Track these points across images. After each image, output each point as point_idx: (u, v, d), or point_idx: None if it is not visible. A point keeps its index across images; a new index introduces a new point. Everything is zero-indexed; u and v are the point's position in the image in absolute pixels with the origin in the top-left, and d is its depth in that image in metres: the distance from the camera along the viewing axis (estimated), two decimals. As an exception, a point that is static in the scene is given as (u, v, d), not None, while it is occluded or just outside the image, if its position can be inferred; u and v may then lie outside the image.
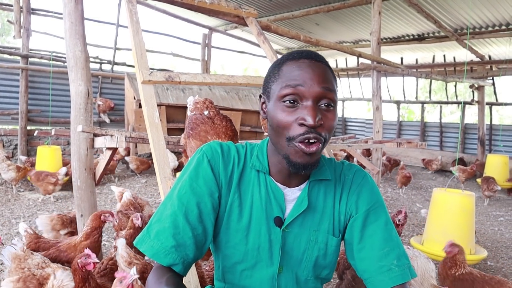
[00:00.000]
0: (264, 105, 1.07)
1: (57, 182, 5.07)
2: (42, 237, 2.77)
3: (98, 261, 2.08)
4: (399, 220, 2.68)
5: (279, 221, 1.08)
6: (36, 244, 2.64)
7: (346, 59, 11.06)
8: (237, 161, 1.10)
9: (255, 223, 1.08)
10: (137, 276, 1.72)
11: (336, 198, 1.12)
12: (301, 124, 0.96)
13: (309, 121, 0.94)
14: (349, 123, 12.11)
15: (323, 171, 1.12)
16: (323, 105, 0.98)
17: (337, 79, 12.00)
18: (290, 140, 0.98)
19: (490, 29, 7.44)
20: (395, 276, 1.01)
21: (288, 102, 0.97)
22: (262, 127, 3.88)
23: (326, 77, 0.98)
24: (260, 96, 1.09)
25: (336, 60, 11.49)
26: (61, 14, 3.76)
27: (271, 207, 1.08)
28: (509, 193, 6.99)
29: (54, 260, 2.49)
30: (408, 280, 1.02)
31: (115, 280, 1.73)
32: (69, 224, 3.35)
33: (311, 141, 0.96)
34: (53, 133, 3.82)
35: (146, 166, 6.88)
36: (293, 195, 1.10)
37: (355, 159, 7.39)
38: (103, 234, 2.98)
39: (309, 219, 1.09)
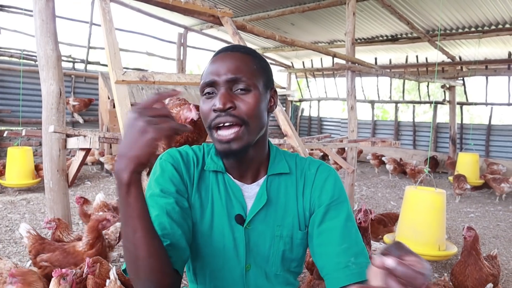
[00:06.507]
0: None
1: None
2: (46, 238, 2.68)
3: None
4: (359, 218, 2.71)
5: (240, 219, 1.07)
6: (41, 245, 2.54)
7: (321, 59, 11.15)
8: (196, 163, 1.11)
9: (218, 223, 1.07)
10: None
11: (298, 192, 1.11)
12: (214, 110, 0.99)
13: (217, 104, 0.97)
14: (325, 123, 12.22)
15: (281, 165, 1.12)
16: (238, 90, 1.00)
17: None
18: (209, 128, 1.02)
19: (460, 30, 7.64)
20: (352, 274, 0.96)
21: (207, 94, 1.02)
22: None
23: (239, 63, 1.01)
24: None
25: (311, 60, 11.58)
26: (31, 11, 3.66)
27: (232, 206, 1.08)
28: (473, 189, 7.20)
29: (60, 262, 2.44)
30: (365, 279, 0.94)
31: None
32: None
33: (226, 124, 0.98)
34: (23, 133, 3.72)
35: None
36: (252, 191, 1.10)
37: (331, 160, 7.47)
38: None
39: (272, 214, 1.09)
